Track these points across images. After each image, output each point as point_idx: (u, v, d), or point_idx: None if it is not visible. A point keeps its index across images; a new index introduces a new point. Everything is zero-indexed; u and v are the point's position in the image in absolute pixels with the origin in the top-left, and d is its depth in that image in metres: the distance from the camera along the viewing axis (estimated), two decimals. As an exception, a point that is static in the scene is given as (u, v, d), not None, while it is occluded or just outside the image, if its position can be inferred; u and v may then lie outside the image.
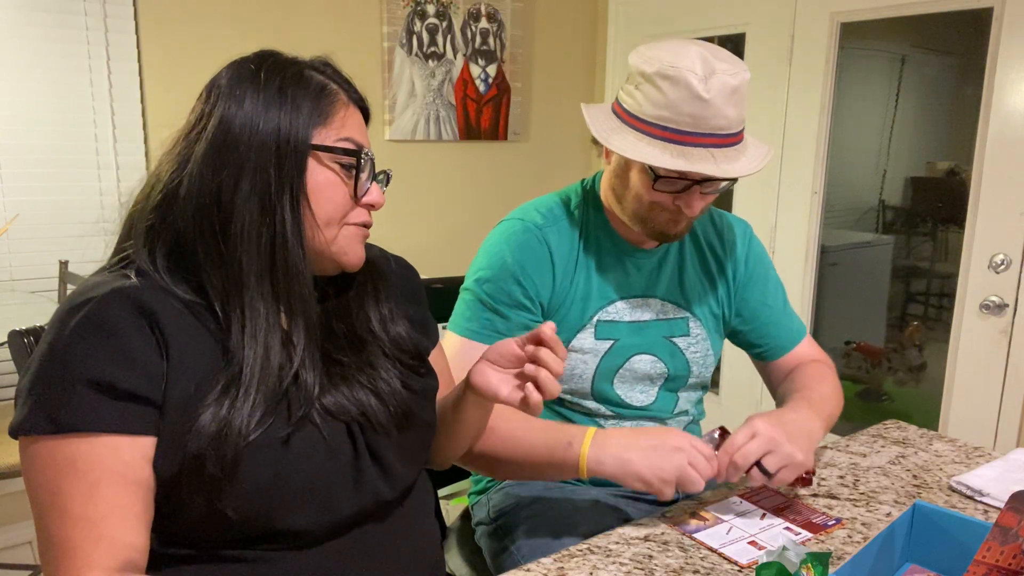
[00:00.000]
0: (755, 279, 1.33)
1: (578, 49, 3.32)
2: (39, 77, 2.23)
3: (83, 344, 0.70)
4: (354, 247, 0.86)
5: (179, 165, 0.79)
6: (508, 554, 1.17)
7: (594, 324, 1.22)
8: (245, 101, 0.78)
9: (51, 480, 0.70)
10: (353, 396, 0.84)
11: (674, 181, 1.10)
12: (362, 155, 0.83)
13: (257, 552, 0.77)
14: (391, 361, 0.90)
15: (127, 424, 0.71)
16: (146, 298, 0.74)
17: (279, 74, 0.80)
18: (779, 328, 1.34)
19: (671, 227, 1.16)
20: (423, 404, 0.92)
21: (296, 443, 0.77)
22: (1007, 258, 2.08)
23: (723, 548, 0.98)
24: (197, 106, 0.81)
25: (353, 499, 0.81)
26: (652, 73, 1.07)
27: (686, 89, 1.04)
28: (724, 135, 1.08)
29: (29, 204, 2.27)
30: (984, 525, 0.89)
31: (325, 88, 0.82)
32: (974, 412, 2.20)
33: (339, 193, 0.82)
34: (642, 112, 1.09)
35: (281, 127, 0.78)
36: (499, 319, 1.19)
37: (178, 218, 0.78)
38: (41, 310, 2.06)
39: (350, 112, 0.84)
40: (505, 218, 1.26)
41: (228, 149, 0.77)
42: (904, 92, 2.50)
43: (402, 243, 3.27)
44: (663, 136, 1.07)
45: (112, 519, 0.70)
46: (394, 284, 0.98)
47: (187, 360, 0.74)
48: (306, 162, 0.80)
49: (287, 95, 0.79)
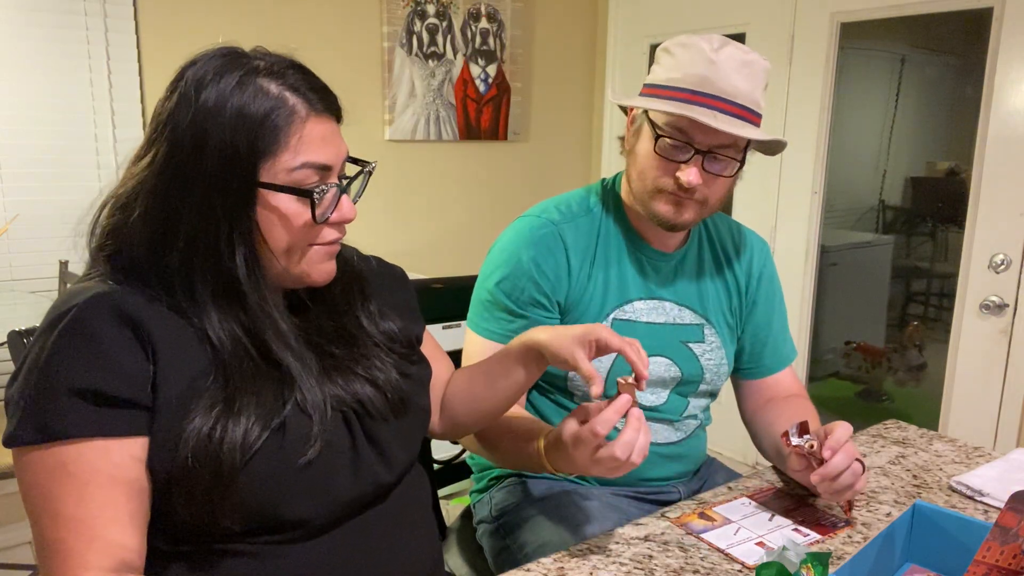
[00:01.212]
0: (765, 299, 1.34)
1: (578, 49, 3.32)
2: (39, 77, 2.23)
3: (65, 353, 0.70)
4: (319, 267, 0.83)
5: (134, 185, 0.77)
6: (510, 552, 1.17)
7: (610, 322, 1.22)
8: (192, 128, 0.73)
9: (43, 485, 0.71)
10: (348, 386, 0.84)
11: (677, 147, 1.10)
12: (316, 192, 0.77)
13: (259, 545, 0.77)
14: (383, 351, 0.90)
15: (115, 427, 0.71)
16: (127, 301, 0.74)
17: (228, 94, 0.74)
18: (773, 350, 1.35)
19: (675, 213, 1.14)
20: (418, 390, 0.93)
21: (292, 433, 0.77)
22: (1007, 258, 2.08)
23: (730, 549, 0.97)
24: (156, 112, 0.78)
25: (352, 484, 0.82)
26: (670, 45, 1.13)
27: (697, 53, 1.08)
28: (730, 102, 1.08)
29: (29, 204, 2.27)
30: (984, 525, 0.89)
31: (275, 109, 0.75)
32: (974, 412, 2.20)
33: (296, 223, 0.78)
34: (656, 80, 1.13)
35: (224, 161, 0.73)
36: (515, 319, 1.19)
37: (133, 246, 0.77)
38: (41, 310, 2.04)
39: (309, 128, 0.77)
40: (522, 215, 1.26)
41: (174, 183, 0.75)
42: (904, 92, 2.50)
43: (402, 243, 3.28)
44: (671, 95, 1.10)
45: (104, 519, 0.71)
46: (377, 283, 0.97)
47: (177, 358, 0.74)
48: (254, 199, 0.75)
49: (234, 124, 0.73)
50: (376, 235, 2.91)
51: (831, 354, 2.73)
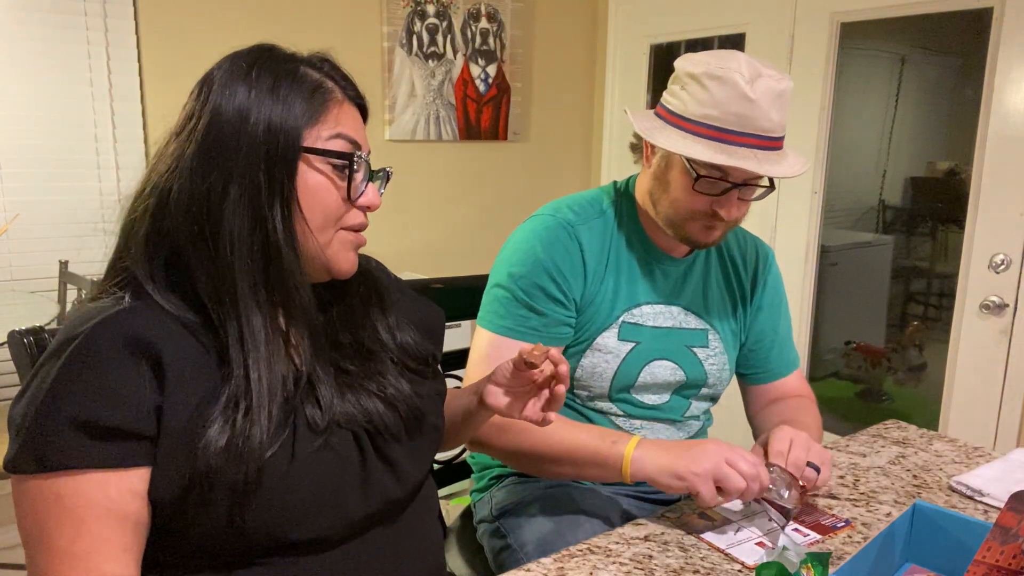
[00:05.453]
0: (770, 305, 1.34)
1: (578, 49, 3.32)
2: (39, 77, 2.23)
3: (69, 383, 0.70)
4: (347, 254, 0.84)
5: (171, 167, 0.77)
6: (510, 551, 1.17)
7: (619, 324, 1.22)
8: (235, 100, 0.76)
9: (39, 515, 0.71)
10: (360, 405, 0.83)
11: (715, 183, 1.11)
12: (355, 157, 0.81)
13: (271, 560, 0.77)
14: (399, 367, 0.89)
15: (114, 460, 0.70)
16: (138, 325, 0.73)
17: (272, 72, 0.77)
18: (779, 356, 1.36)
19: (706, 235, 1.16)
20: (432, 408, 0.92)
21: (302, 452, 0.77)
22: (1007, 258, 2.08)
23: (730, 549, 0.97)
24: (189, 102, 0.79)
25: (363, 502, 0.81)
26: (700, 74, 1.08)
27: (733, 88, 1.05)
28: (767, 137, 1.08)
29: (29, 204, 2.27)
30: (984, 525, 0.89)
31: (320, 86, 0.79)
32: (974, 412, 2.20)
33: (331, 196, 0.80)
34: (688, 112, 1.10)
35: (271, 128, 0.76)
36: (534, 315, 1.18)
37: (170, 223, 0.76)
38: (41, 310, 2.06)
39: (344, 110, 0.82)
40: (535, 214, 1.26)
41: (216, 151, 0.75)
42: (904, 92, 2.49)
43: (402, 243, 3.28)
44: (709, 134, 1.08)
45: (98, 555, 0.70)
46: (392, 291, 0.97)
47: (186, 384, 0.73)
48: (296, 165, 0.77)
49: (278, 95, 0.76)
50: (376, 235, 2.88)
51: (831, 354, 2.73)
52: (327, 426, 0.79)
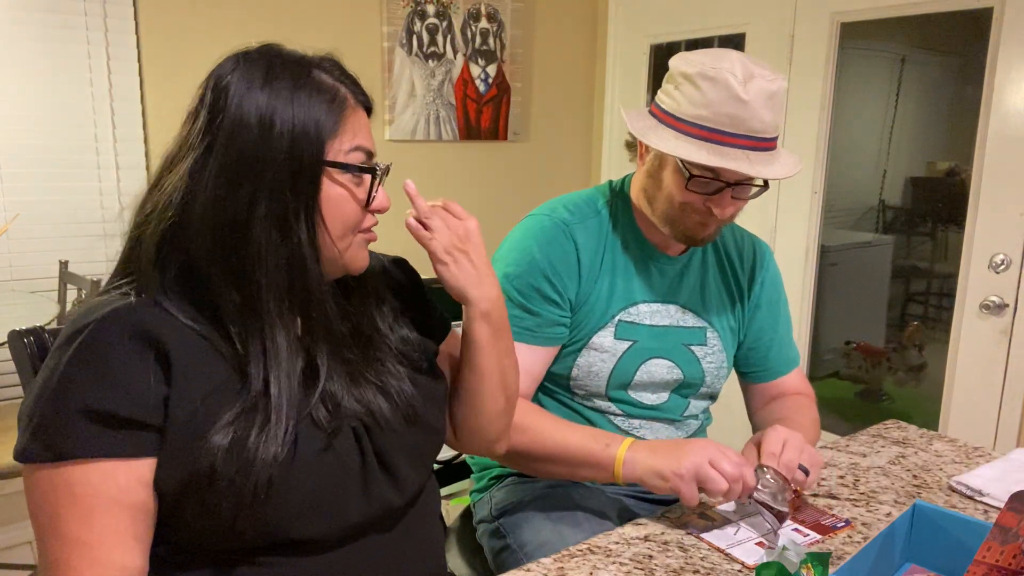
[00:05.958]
0: (768, 303, 1.34)
1: (578, 49, 3.32)
2: (39, 77, 2.23)
3: (78, 373, 0.70)
4: (360, 253, 0.86)
5: (191, 181, 0.75)
6: (510, 551, 1.17)
7: (615, 323, 1.22)
8: (256, 111, 0.75)
9: (50, 504, 0.72)
10: (360, 394, 0.83)
11: (707, 182, 1.11)
12: (375, 170, 0.82)
13: (267, 559, 0.77)
14: (398, 358, 0.90)
15: (123, 449, 0.71)
16: (144, 318, 0.73)
17: (288, 78, 0.77)
18: (778, 354, 1.36)
19: (700, 231, 1.17)
20: (431, 405, 0.91)
21: (304, 453, 0.77)
22: (1007, 258, 2.08)
23: (730, 549, 0.97)
24: (201, 108, 0.77)
25: (362, 507, 0.81)
26: (693, 74, 1.08)
27: (726, 89, 1.06)
28: (760, 138, 1.08)
29: (29, 204, 2.27)
30: (984, 525, 0.89)
31: (335, 94, 0.79)
32: (974, 412, 2.20)
33: (351, 206, 0.81)
34: (680, 111, 1.10)
35: (295, 141, 0.75)
36: (529, 316, 1.18)
37: (192, 241, 0.76)
38: (41, 310, 2.06)
39: (358, 116, 0.82)
40: (531, 213, 1.26)
41: (241, 167, 0.74)
42: (904, 92, 2.49)
43: (402, 243, 3.26)
44: (701, 135, 1.08)
45: (107, 543, 0.71)
46: (395, 287, 0.98)
47: (192, 376, 0.74)
48: (320, 180, 0.78)
49: (299, 102, 0.76)
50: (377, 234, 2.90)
51: (831, 354, 2.73)
52: (334, 429, 0.80)
